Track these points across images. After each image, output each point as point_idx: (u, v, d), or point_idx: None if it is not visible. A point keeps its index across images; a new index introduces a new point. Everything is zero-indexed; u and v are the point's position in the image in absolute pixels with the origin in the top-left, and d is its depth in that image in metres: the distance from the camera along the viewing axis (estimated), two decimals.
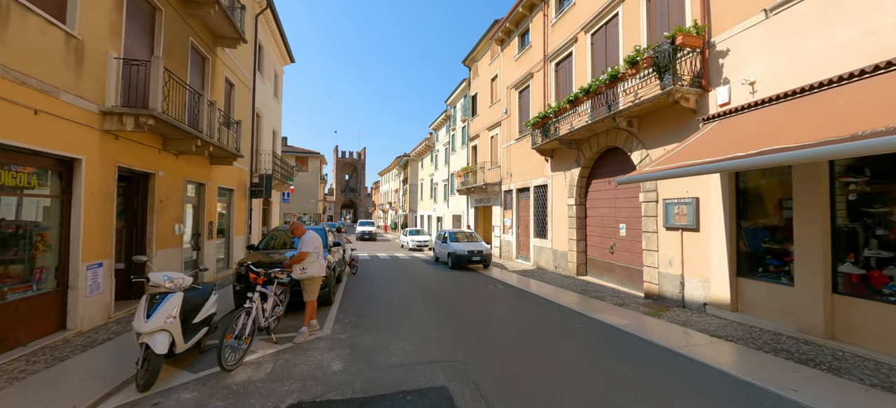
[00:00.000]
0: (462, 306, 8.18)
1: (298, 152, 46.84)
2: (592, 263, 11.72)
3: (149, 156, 7.71)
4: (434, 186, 31.89)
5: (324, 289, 7.34)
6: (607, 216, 10.96)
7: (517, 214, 16.51)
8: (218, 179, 11.32)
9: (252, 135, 14.38)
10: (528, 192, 15.43)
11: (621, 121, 9.05)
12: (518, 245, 16.46)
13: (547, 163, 13.89)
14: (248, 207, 14.12)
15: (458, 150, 25.24)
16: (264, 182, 13.83)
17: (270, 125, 17.99)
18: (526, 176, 15.51)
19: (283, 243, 8.92)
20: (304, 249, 5.68)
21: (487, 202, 19.81)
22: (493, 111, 19.46)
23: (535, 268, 14.35)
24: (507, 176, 17.30)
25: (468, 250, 14.14)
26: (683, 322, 6.71)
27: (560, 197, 12.97)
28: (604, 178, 11.18)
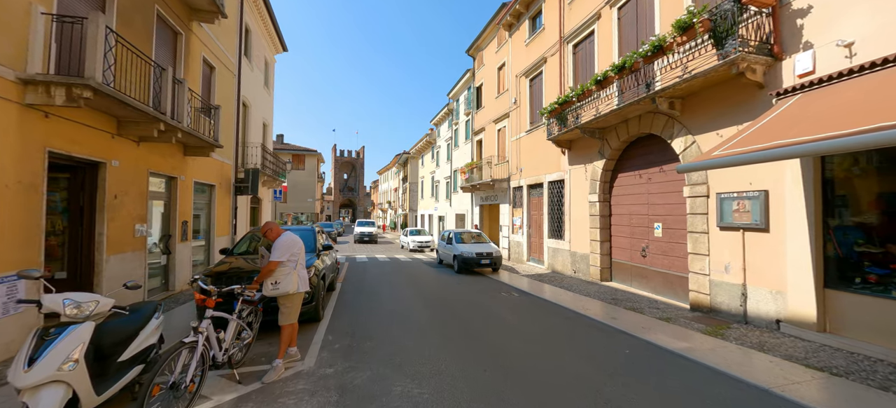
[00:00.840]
0: (478, 321, 6.82)
1: (295, 150, 45.50)
2: (619, 267, 10.37)
3: (97, 141, 6.33)
4: (435, 183, 30.53)
5: (308, 303, 5.98)
6: (638, 214, 9.61)
7: (528, 213, 15.15)
8: (194, 172, 9.94)
9: (237, 125, 12.99)
10: (541, 188, 14.08)
11: (662, 102, 7.70)
12: (529, 246, 15.11)
13: (563, 155, 12.54)
14: (232, 204, 12.74)
15: (462, 145, 23.88)
16: (250, 177, 12.45)
17: (260, 116, 16.61)
18: (538, 171, 14.15)
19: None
20: (276, 257, 4.31)
21: (494, 200, 18.46)
22: (500, 102, 18.10)
23: (549, 272, 13.00)
24: (517, 171, 15.94)
25: (476, 252, 12.79)
26: (759, 345, 5.36)
27: (579, 193, 11.62)
28: (634, 170, 9.83)
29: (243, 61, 14.04)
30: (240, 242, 7.39)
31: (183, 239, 9.36)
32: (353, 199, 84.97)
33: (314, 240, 7.43)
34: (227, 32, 12.17)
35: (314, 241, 7.40)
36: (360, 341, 5.58)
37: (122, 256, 7.00)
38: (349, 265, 15.11)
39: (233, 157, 12.82)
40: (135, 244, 7.42)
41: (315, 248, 7.24)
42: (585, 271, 11.32)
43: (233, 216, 12.76)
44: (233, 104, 12.82)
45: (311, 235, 7.57)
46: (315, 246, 7.28)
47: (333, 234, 29.12)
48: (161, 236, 8.80)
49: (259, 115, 16.38)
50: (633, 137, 9.56)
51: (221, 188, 11.90)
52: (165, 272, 8.87)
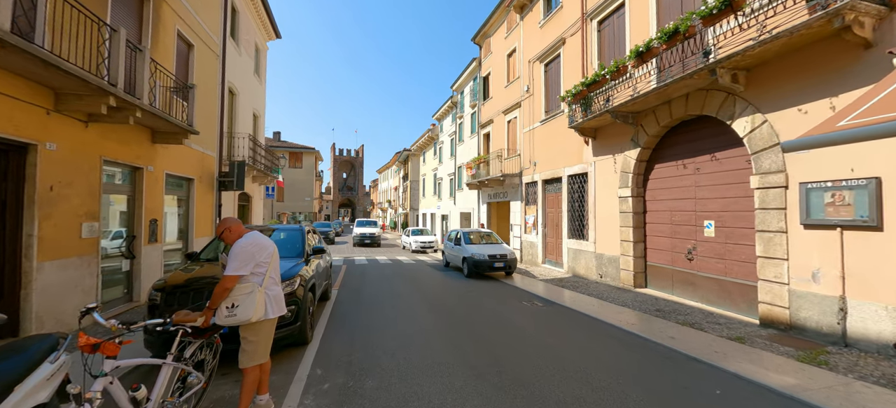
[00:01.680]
0: (507, 345, 5.47)
1: (292, 147, 44.13)
2: (656, 272, 9.03)
3: (24, 117, 4.96)
4: (438, 181, 29.17)
5: (291, 324, 4.63)
6: (681, 211, 8.27)
7: (543, 210, 13.81)
8: (166, 163, 8.58)
9: (221, 113, 11.62)
10: (559, 183, 12.73)
11: (724, 75, 6.35)
12: (545, 247, 13.76)
13: (587, 145, 11.19)
14: (215, 202, 11.37)
15: (467, 139, 22.53)
16: (236, 171, 11.09)
17: (250, 106, 15.24)
18: (556, 163, 12.80)
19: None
20: (232, 269, 2.96)
21: (503, 197, 17.11)
22: (510, 91, 16.75)
23: (570, 276, 11.65)
24: (530, 165, 14.59)
25: (488, 255, 11.43)
26: (887, 379, 4.03)
27: (607, 187, 10.27)
28: (676, 160, 8.48)
29: (229, 44, 12.68)
30: (210, 245, 6.02)
31: (151, 240, 7.99)
32: (353, 198, 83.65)
33: (302, 242, 6.08)
34: (208, 7, 10.80)
35: (302, 243, 6.05)
36: (359, 377, 4.21)
37: (62, 262, 5.64)
38: (347, 268, 13.75)
39: (216, 148, 11.45)
40: (82, 247, 6.05)
41: (303, 251, 5.89)
42: (614, 276, 9.97)
43: (216, 215, 11.40)
44: (216, 89, 11.46)
45: (299, 235, 6.23)
46: (303, 249, 5.93)
47: (331, 234, 27.68)
48: (127, 236, 7.44)
49: (248, 104, 15.01)
50: (677, 120, 8.21)
51: (202, 183, 10.53)
52: (129, 280, 7.50)
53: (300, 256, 5.73)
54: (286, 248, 5.91)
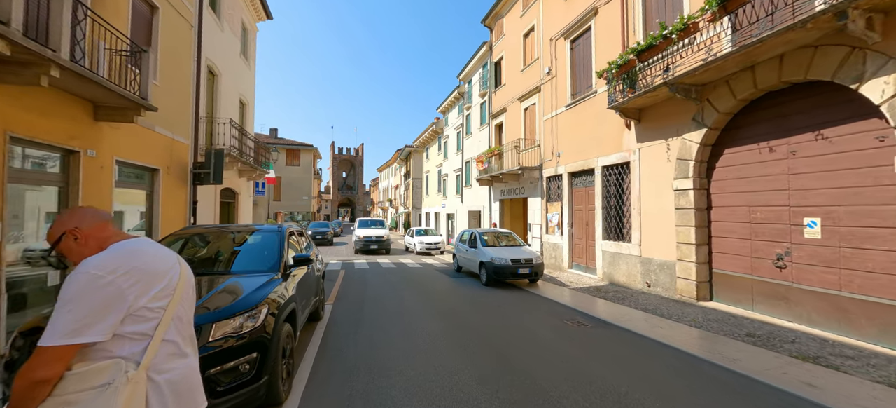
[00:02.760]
0: (571, 399, 3.73)
1: (289, 144, 42.46)
2: (727, 281, 7.30)
3: None
4: (443, 177, 27.43)
5: (251, 383, 2.91)
6: (767, 205, 6.55)
7: (570, 208, 12.07)
8: (117, 147, 6.85)
9: (196, 93, 9.89)
10: (591, 175, 10.99)
11: (857, 19, 4.63)
12: (572, 250, 12.02)
13: (628, 130, 9.46)
14: (189, 198, 9.64)
15: (476, 132, 20.80)
16: (213, 161, 9.35)
17: (235, 90, 13.50)
18: (586, 153, 11.06)
19: (209, 259, 4.44)
20: (58, 333, 1.25)
21: (519, 193, 15.37)
22: (527, 75, 15.01)
23: (606, 284, 9.93)
24: (552, 156, 12.85)
25: (511, 259, 9.69)
26: None
27: (657, 178, 8.55)
28: (757, 141, 6.75)
29: (209, 16, 10.96)
30: None
31: None
32: (353, 197, 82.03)
33: (279, 250, 4.34)
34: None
35: (279, 251, 4.31)
36: None
37: None
38: (345, 274, 12.02)
39: (190, 134, 9.72)
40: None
41: (279, 263, 4.15)
42: (667, 285, 8.25)
43: (190, 214, 9.67)
44: (190, 65, 9.72)
45: (274, 241, 4.49)
46: (280, 260, 4.19)
47: (329, 235, 25.91)
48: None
49: (234, 88, 13.27)
50: (763, 90, 6.48)
51: (171, 175, 8.80)
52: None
53: (274, 270, 4.00)
54: (253, 259, 4.21)
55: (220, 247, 4.50)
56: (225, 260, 4.25)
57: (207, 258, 4.32)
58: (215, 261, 4.27)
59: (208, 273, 3.92)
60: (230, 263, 4.16)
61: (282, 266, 4.13)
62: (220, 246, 4.52)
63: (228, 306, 2.98)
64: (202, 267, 4.11)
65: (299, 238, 5.64)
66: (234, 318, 2.91)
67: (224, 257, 4.30)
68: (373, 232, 19.91)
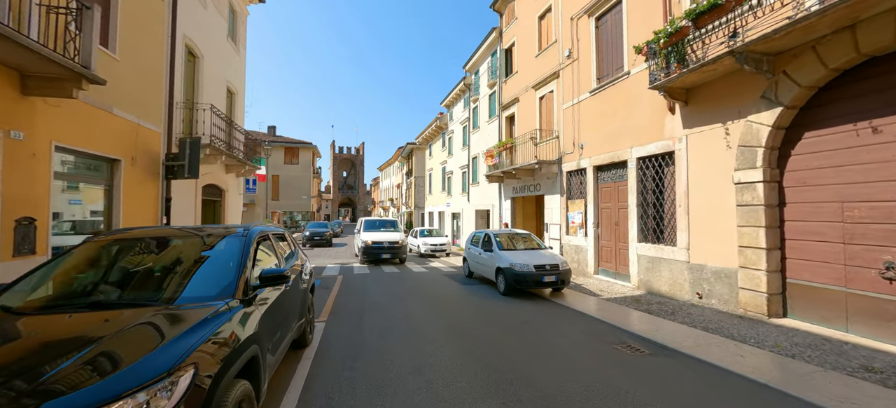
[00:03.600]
0: None
1: (288, 142, 41.23)
2: (808, 294, 5.96)
3: None
4: (448, 175, 26.08)
5: None
6: (871, 201, 5.21)
7: (596, 206, 10.72)
8: (57, 130, 5.54)
9: (169, 75, 8.56)
10: (623, 168, 9.65)
11: None
12: (598, 253, 10.67)
13: (672, 115, 8.12)
14: (161, 194, 8.32)
15: (484, 125, 19.46)
16: (188, 152, 8.02)
17: (221, 76, 12.18)
18: (617, 143, 9.72)
19: (134, 279, 3.07)
20: None
21: (534, 190, 14.02)
22: (542, 61, 13.67)
23: (644, 293, 8.59)
24: (574, 148, 11.51)
25: (534, 265, 8.35)
26: None
27: (711, 169, 7.21)
28: (858, 121, 5.40)
29: None
30: (42, 269, 2.94)
31: (21, 252, 4.94)
32: (353, 197, 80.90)
33: (238, 266, 2.99)
34: None
35: (237, 268, 2.96)
36: None
37: None
38: (342, 281, 10.69)
39: (162, 120, 8.41)
40: None
41: (236, 284, 2.81)
42: (726, 297, 6.90)
43: (163, 213, 8.35)
44: (161, 39, 8.41)
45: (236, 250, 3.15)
46: (237, 279, 2.85)
47: (327, 235, 24.56)
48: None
49: (219, 74, 11.95)
50: (870, 53, 5.13)
51: (136, 167, 7.49)
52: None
53: (228, 295, 2.67)
54: (199, 279, 2.90)
55: (158, 260, 3.17)
56: (156, 281, 2.91)
57: (132, 278, 2.98)
58: (143, 282, 2.93)
59: (118, 304, 2.58)
60: (163, 287, 2.82)
61: (241, 288, 2.79)
62: (157, 259, 3.18)
63: (109, 381, 1.64)
64: (118, 292, 2.78)
65: (278, 244, 4.31)
66: (117, 403, 1.58)
67: (157, 276, 2.97)
68: (384, 236, 14.72)
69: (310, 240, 23.68)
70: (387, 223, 16.70)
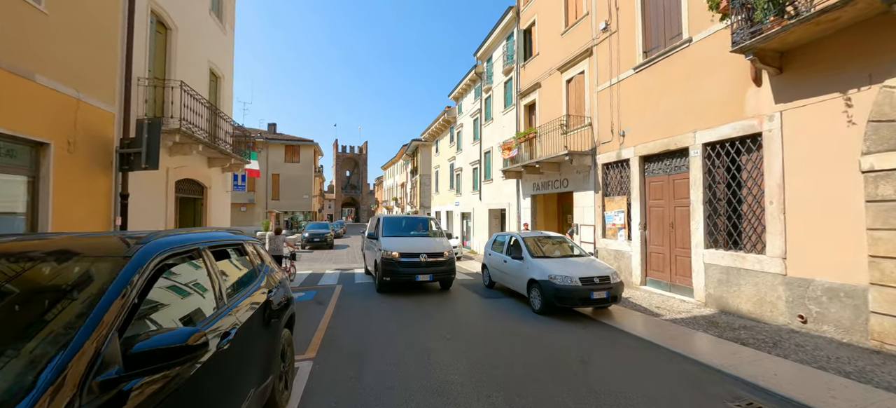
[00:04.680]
0: None
1: (289, 140, 39.73)
2: None
3: None
4: (456, 172, 24.39)
5: None
6: None
7: (642, 203, 9.00)
8: None
9: (126, 42, 6.92)
10: (683, 157, 7.93)
11: None
12: (646, 260, 8.95)
13: (758, 87, 6.38)
14: (113, 190, 6.69)
15: (498, 116, 17.75)
16: (145, 136, 6.37)
17: (202, 56, 10.55)
18: (673, 127, 8.00)
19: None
20: None
21: (560, 186, 12.30)
22: (571, 39, 11.95)
23: (715, 312, 6.87)
24: (614, 136, 9.79)
25: (581, 277, 6.64)
26: None
27: (822, 153, 5.49)
28: None
29: None
30: None
31: None
32: (356, 197, 79.54)
33: (77, 341, 1.30)
34: None
35: (70, 350, 1.27)
36: None
37: None
38: (341, 292, 9.04)
39: (116, 98, 6.78)
40: None
41: (50, 387, 1.12)
42: (847, 323, 5.17)
43: (117, 214, 6.71)
44: (115, 1, 6.77)
45: (95, 290, 1.47)
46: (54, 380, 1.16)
47: (328, 237, 22.93)
48: None
49: (199, 52, 10.32)
50: None
51: (76, 154, 5.86)
52: None
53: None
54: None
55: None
56: None
57: None
58: None
59: None
60: None
61: (78, 390, 1.13)
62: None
63: None
64: None
65: (228, 262, 2.66)
66: None
67: None
68: (419, 245, 9.12)
69: (309, 242, 22.09)
70: (418, 222, 10.72)
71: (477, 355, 4.82)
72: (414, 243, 9.22)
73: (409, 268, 8.61)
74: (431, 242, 9.54)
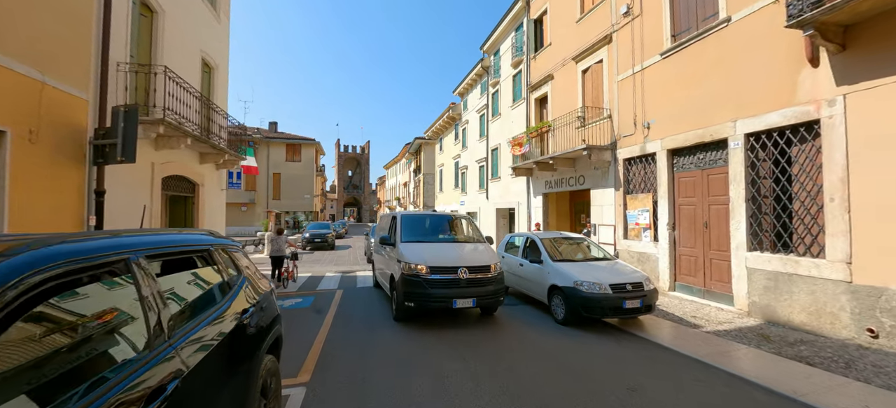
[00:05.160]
0: None
1: (289, 138, 39.06)
2: None
3: None
4: (461, 170, 23.64)
5: None
6: None
7: (670, 201, 8.23)
8: None
9: (101, 20, 6.21)
10: (720, 150, 7.17)
11: None
12: (676, 264, 8.18)
13: (815, 68, 5.60)
14: (86, 184, 5.99)
15: (506, 111, 16.99)
16: (120, 125, 5.66)
17: (194, 44, 9.85)
18: (710, 116, 7.22)
19: None
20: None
21: (576, 184, 11.54)
22: (587, 25, 11.19)
23: (761, 322, 6.11)
24: (638, 128, 9.04)
25: (611, 284, 5.89)
26: None
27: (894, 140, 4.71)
28: None
29: None
30: None
31: None
32: (358, 197, 78.89)
33: None
34: None
35: None
36: None
37: None
38: (340, 299, 8.32)
39: (91, 84, 6.07)
40: None
41: None
42: None
43: (90, 211, 6.01)
44: None
45: None
46: None
47: (329, 237, 22.20)
48: None
49: (190, 39, 9.62)
50: None
51: (39, 144, 5.15)
52: None
53: None
54: None
55: None
56: None
57: None
58: None
59: None
60: None
61: None
62: None
63: None
64: None
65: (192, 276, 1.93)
66: None
67: None
68: (457, 255, 6.55)
69: (310, 242, 21.38)
70: (446, 222, 8.12)
71: (503, 382, 4.06)
72: (447, 253, 6.52)
73: (442, 288, 5.91)
74: (472, 250, 6.79)
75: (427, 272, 5.98)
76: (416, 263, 6.08)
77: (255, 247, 21.29)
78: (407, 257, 6.23)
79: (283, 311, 7.25)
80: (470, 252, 6.70)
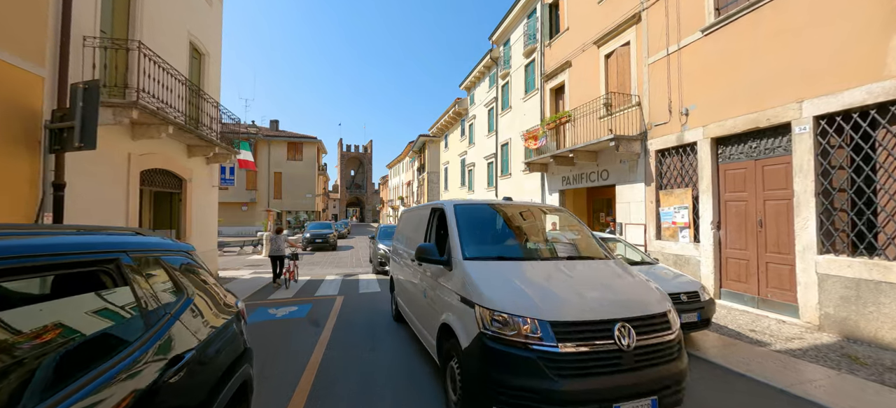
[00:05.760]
0: None
1: (290, 137, 38.25)
2: None
3: None
4: (468, 168, 22.69)
5: None
6: None
7: (716, 197, 7.26)
8: None
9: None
10: (781, 136, 6.20)
11: None
12: (722, 268, 7.21)
13: None
14: (41, 176, 5.10)
15: (518, 104, 16.03)
16: (79, 105, 4.78)
17: (181, 26, 8.98)
18: (768, 98, 6.24)
19: None
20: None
21: (598, 180, 10.57)
22: (609, 6, 10.22)
23: (837, 338, 5.14)
24: (674, 116, 8.08)
25: (668, 293, 4.93)
26: None
27: None
28: None
29: None
30: None
31: None
32: (361, 196, 78.14)
33: None
34: None
35: None
36: None
37: None
38: (342, 305, 7.40)
39: (47, 58, 5.18)
40: None
41: None
42: None
43: (42, 208, 5.12)
44: None
45: None
46: None
47: (331, 238, 21.29)
48: None
49: (176, 19, 8.74)
50: None
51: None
52: None
53: None
54: None
55: None
56: None
57: None
58: None
59: None
60: None
61: None
62: None
63: None
64: None
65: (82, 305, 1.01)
66: None
67: None
68: (600, 297, 2.87)
69: (310, 243, 20.51)
70: (532, 220, 4.83)
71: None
72: (571, 286, 3.05)
73: (585, 377, 2.46)
74: (612, 277, 3.34)
75: (547, 339, 2.50)
76: (513, 313, 2.62)
77: (253, 247, 20.45)
78: (488, 296, 2.80)
79: (274, 322, 6.37)
80: (612, 283, 3.19)
